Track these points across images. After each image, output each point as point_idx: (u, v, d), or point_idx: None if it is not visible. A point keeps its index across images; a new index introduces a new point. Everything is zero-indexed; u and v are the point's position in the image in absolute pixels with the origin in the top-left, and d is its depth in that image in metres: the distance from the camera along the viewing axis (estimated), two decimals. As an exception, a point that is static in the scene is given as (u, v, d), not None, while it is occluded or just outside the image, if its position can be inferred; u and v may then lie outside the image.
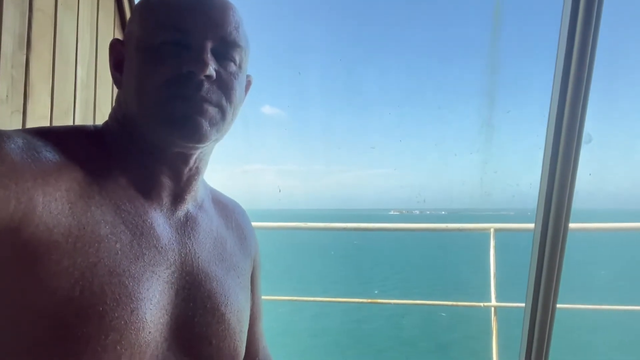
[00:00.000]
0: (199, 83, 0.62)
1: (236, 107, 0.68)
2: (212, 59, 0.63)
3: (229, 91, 0.66)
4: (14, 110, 1.27)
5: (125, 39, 0.69)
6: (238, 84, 0.67)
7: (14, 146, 0.53)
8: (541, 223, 1.54)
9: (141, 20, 0.66)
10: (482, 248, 2.90)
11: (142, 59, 0.63)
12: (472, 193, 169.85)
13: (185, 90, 0.62)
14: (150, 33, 0.63)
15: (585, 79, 1.36)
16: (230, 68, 0.66)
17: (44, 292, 0.51)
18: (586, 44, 1.33)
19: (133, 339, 0.55)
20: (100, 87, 1.65)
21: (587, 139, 1.40)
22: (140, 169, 0.65)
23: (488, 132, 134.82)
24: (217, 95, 0.64)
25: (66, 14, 1.48)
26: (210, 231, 0.73)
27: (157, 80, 0.62)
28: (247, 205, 0.92)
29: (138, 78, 0.63)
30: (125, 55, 0.67)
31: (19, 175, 0.51)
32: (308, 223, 3.34)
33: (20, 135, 0.56)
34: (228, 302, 0.69)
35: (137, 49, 0.64)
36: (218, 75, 0.64)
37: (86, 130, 0.67)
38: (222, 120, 0.65)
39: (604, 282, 16.68)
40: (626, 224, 2.99)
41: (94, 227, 0.56)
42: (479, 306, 2.79)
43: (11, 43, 1.26)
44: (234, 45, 0.66)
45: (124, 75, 0.67)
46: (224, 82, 0.65)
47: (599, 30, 1.33)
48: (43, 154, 0.55)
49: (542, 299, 1.57)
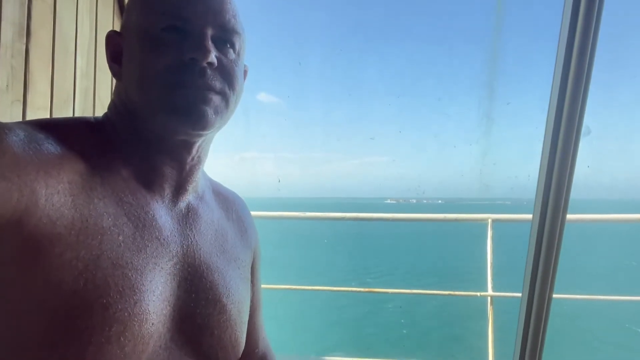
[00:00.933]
0: (202, 70, 0.62)
1: (238, 95, 0.68)
2: (213, 46, 0.63)
3: (231, 78, 0.66)
4: (14, 99, 1.27)
5: (122, 29, 0.68)
6: (239, 71, 0.68)
7: (16, 139, 0.52)
8: (539, 214, 1.55)
9: (140, 9, 0.65)
10: (480, 238, 2.92)
11: (143, 47, 0.63)
12: (471, 185, 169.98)
13: (188, 77, 0.61)
14: (149, 21, 0.63)
15: (585, 71, 1.36)
16: (230, 55, 0.66)
17: (48, 284, 0.51)
18: (587, 36, 1.33)
19: (136, 330, 0.56)
20: (99, 76, 1.65)
21: (585, 131, 1.41)
22: (142, 160, 0.65)
23: (487, 123, 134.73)
24: (220, 83, 0.64)
25: (65, 3, 1.47)
26: (211, 223, 0.73)
27: (158, 67, 0.61)
28: (246, 194, 0.92)
29: (139, 67, 0.63)
30: (124, 46, 0.67)
31: (21, 167, 0.51)
32: (307, 213, 3.35)
33: (21, 127, 0.55)
34: (229, 293, 0.70)
35: (137, 37, 0.64)
36: (219, 62, 0.64)
37: (87, 122, 0.67)
38: (225, 107, 0.66)
39: (601, 273, 16.81)
40: (624, 215, 3.01)
41: (97, 220, 0.56)
42: (475, 295, 2.82)
43: (11, 32, 1.26)
44: (233, 33, 0.66)
45: (124, 66, 0.66)
46: (225, 69, 0.65)
47: (600, 22, 1.32)
48: (45, 146, 0.55)
49: (539, 288, 1.59)
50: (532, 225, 1.62)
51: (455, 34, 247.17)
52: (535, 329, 1.62)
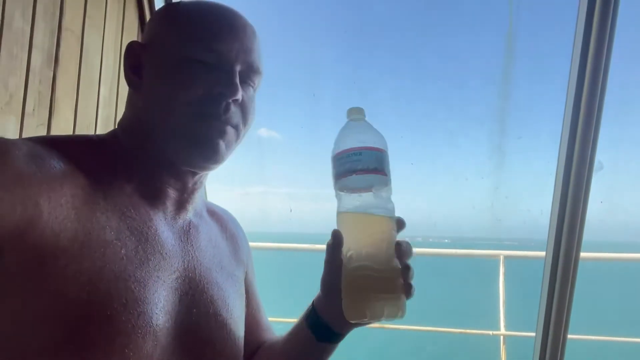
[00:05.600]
0: (227, 105, 0.64)
1: (248, 129, 0.70)
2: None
3: (247, 115, 0.68)
4: (39, 124, 1.31)
5: (146, 42, 0.68)
6: (253, 107, 0.70)
7: (20, 153, 0.53)
8: (552, 251, 1.53)
9: (169, 30, 0.66)
10: (490, 276, 2.87)
11: (173, 73, 0.63)
12: (482, 218, 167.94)
13: (213, 110, 0.63)
14: (181, 46, 0.64)
15: (597, 106, 1.37)
16: (249, 92, 0.69)
17: (52, 296, 0.51)
18: (598, 71, 1.35)
19: (140, 343, 0.56)
20: (120, 105, 1.70)
21: (598, 166, 1.41)
22: (147, 177, 0.66)
23: (499, 157, 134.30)
24: (237, 118, 0.66)
25: (93, 34, 1.54)
26: (210, 240, 0.75)
27: (187, 96, 0.63)
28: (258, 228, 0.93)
29: (167, 92, 0.63)
30: (146, 60, 0.67)
31: (25, 181, 0.52)
32: (315, 245, 3.33)
33: (25, 143, 0.56)
34: (228, 307, 0.70)
35: (166, 59, 0.64)
36: (241, 99, 0.66)
37: (90, 139, 0.67)
38: (236, 141, 0.68)
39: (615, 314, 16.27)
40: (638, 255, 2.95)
41: (100, 233, 0.56)
42: (488, 334, 2.75)
43: (40, 59, 1.31)
44: (257, 72, 0.69)
45: (145, 82, 0.66)
46: (245, 106, 0.67)
47: (611, 58, 1.34)
48: (48, 161, 0.56)
49: (553, 328, 1.55)
50: (545, 262, 1.60)
51: (468, 68, 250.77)
52: (550, 369, 1.57)
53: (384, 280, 0.63)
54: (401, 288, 0.63)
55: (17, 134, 1.23)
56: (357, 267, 0.64)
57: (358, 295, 0.64)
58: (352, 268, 0.64)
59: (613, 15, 1.33)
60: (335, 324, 0.71)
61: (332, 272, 0.69)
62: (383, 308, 0.63)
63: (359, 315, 0.64)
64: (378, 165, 0.65)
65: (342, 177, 0.65)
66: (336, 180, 0.67)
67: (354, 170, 0.64)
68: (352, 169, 0.64)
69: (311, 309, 0.74)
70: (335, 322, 0.71)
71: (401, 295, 0.63)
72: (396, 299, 0.63)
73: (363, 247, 0.64)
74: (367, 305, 0.63)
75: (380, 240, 0.64)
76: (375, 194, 0.65)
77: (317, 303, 0.73)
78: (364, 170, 0.64)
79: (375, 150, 0.65)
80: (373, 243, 0.64)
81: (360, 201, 0.66)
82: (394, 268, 0.63)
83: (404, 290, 0.64)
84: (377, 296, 0.63)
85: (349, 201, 0.67)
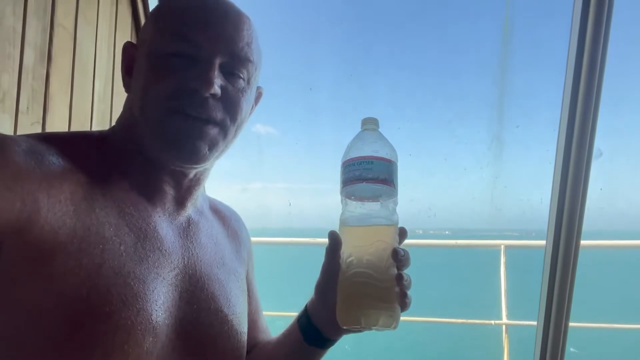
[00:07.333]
0: (203, 100, 0.61)
1: (240, 124, 0.68)
2: (220, 75, 0.62)
3: (234, 108, 0.65)
4: (33, 121, 1.30)
5: (137, 43, 0.69)
6: (245, 100, 0.67)
7: (19, 150, 0.53)
8: (552, 239, 1.53)
9: (153, 27, 0.65)
10: (491, 265, 2.87)
11: (149, 67, 0.62)
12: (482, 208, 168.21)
13: (188, 107, 0.61)
14: (160, 41, 0.63)
15: (595, 93, 1.36)
16: (238, 84, 0.65)
17: (52, 293, 0.51)
18: (595, 58, 1.34)
19: (140, 339, 0.55)
20: (116, 100, 1.69)
21: (597, 153, 1.40)
22: (144, 175, 0.65)
23: (498, 146, 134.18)
24: (221, 113, 0.63)
25: (85, 30, 1.53)
26: (211, 236, 0.74)
27: (161, 91, 0.61)
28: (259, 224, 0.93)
29: (143, 87, 0.63)
30: (136, 60, 0.66)
31: (24, 178, 0.52)
32: (317, 239, 3.33)
33: (24, 139, 0.56)
34: (230, 304, 0.70)
35: (146, 55, 0.63)
36: (224, 91, 0.63)
37: (89, 136, 0.67)
38: (223, 139, 0.65)
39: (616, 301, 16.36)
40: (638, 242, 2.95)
41: (98, 229, 0.56)
42: (490, 324, 2.75)
43: (33, 57, 1.30)
44: (244, 61, 0.65)
45: (132, 80, 0.66)
46: (230, 99, 0.64)
47: (608, 44, 1.33)
48: (47, 157, 0.56)
49: (554, 317, 1.55)
50: (545, 251, 1.59)
51: (465, 57, 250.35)
52: (552, 358, 1.57)
53: (383, 289, 0.63)
54: (398, 299, 0.63)
55: (11, 132, 1.22)
56: (356, 273, 0.64)
57: (354, 301, 0.64)
58: (352, 274, 0.64)
59: (610, 2, 1.32)
60: (325, 330, 0.71)
61: (327, 277, 0.69)
62: (378, 317, 0.62)
63: (353, 322, 0.64)
64: (387, 177, 0.65)
65: (351, 183, 0.65)
66: (344, 186, 0.67)
67: (364, 179, 0.64)
68: (363, 177, 0.64)
69: (304, 312, 0.74)
70: (326, 328, 0.71)
71: (397, 306, 0.63)
72: (392, 309, 0.63)
73: (365, 254, 0.64)
74: (362, 312, 0.63)
75: (382, 250, 0.64)
76: (382, 204, 0.66)
77: (310, 307, 0.73)
78: (374, 180, 0.64)
79: (386, 162, 0.65)
80: (375, 252, 0.64)
81: (367, 209, 0.66)
82: (393, 278, 0.63)
83: (400, 301, 0.63)
84: (374, 304, 0.63)
85: (355, 208, 0.67)
